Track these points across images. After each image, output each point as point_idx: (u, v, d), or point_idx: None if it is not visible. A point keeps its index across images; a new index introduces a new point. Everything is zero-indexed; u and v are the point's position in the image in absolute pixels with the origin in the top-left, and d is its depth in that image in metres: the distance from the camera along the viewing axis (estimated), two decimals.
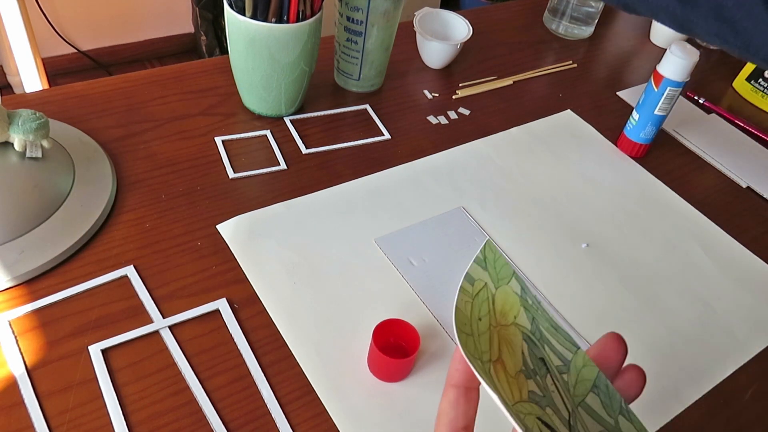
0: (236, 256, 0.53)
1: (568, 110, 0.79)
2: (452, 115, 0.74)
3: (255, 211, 0.57)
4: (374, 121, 0.71)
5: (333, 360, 0.47)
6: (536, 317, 0.28)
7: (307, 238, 0.56)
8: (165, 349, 0.46)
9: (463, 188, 0.64)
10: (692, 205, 0.68)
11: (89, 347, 0.45)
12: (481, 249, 0.28)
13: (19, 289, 0.48)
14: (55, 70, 2.00)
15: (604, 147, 0.74)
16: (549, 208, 0.64)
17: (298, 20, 0.60)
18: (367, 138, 0.68)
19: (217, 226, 0.55)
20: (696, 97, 0.86)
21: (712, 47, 0.98)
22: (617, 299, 0.56)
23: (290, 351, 0.47)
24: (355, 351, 0.48)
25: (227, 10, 0.60)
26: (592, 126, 0.77)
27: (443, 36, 0.82)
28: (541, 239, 0.61)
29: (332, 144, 0.67)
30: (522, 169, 0.68)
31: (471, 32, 0.80)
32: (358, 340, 0.49)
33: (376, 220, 0.59)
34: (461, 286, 0.26)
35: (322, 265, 0.54)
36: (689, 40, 0.96)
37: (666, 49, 0.67)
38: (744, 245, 0.65)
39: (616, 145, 0.74)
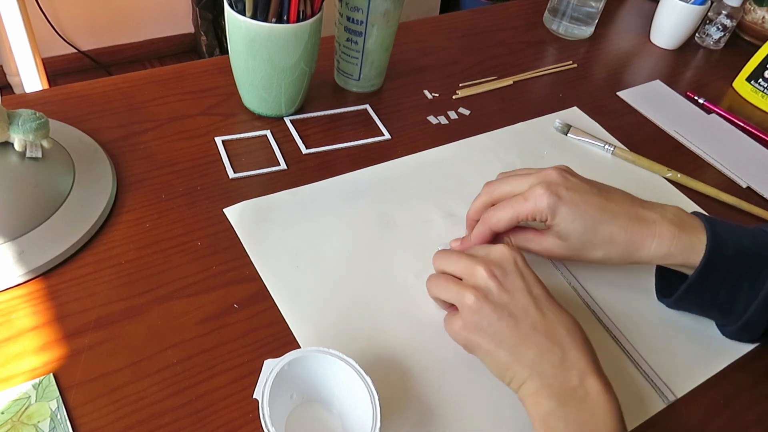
0: (241, 240, 0.54)
1: (575, 107, 0.79)
2: (452, 115, 0.74)
3: (261, 197, 0.58)
4: (374, 121, 0.71)
5: (334, 342, 0.48)
6: None
7: (312, 224, 0.57)
8: (165, 348, 0.46)
9: (466, 180, 0.65)
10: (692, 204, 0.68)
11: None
12: None
13: (19, 289, 0.48)
14: (55, 70, 2.00)
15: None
16: None
17: (298, 20, 0.60)
18: (367, 138, 0.68)
19: (224, 210, 0.56)
20: (696, 97, 0.86)
21: (712, 47, 0.98)
22: (615, 294, 0.56)
23: (293, 348, 0.47)
24: (356, 334, 0.48)
25: (227, 10, 0.60)
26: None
27: None
28: None
29: (332, 144, 0.67)
30: (525, 164, 0.68)
31: None
32: (360, 323, 0.49)
33: (380, 208, 0.60)
34: None
35: (326, 251, 0.55)
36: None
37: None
38: None
39: None
